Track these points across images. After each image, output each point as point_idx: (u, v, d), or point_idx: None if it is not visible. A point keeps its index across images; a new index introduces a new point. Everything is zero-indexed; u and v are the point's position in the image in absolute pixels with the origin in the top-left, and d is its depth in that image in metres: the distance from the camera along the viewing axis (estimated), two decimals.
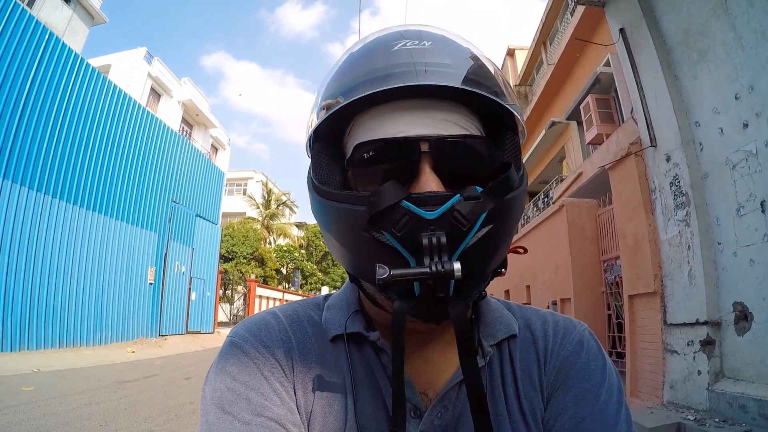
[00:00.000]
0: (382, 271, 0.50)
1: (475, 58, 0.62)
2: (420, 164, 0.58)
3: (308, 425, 0.63)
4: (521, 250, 0.75)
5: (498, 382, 0.68)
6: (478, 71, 0.60)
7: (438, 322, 0.57)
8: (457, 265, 0.50)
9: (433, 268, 0.50)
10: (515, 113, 0.62)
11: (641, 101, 6.25)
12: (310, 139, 0.66)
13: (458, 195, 0.53)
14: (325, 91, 0.63)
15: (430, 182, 0.57)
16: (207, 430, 0.58)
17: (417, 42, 0.60)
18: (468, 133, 0.60)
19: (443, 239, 0.51)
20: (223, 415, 0.58)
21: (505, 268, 0.66)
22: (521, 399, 0.67)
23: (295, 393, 0.64)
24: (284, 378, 0.64)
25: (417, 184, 0.57)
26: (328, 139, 0.66)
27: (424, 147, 0.58)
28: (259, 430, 0.57)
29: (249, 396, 0.60)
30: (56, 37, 11.58)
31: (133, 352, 12.45)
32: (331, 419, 0.63)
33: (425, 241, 0.51)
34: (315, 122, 0.62)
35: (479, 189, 0.55)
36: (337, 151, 0.66)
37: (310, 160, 0.67)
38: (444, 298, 0.53)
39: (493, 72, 0.62)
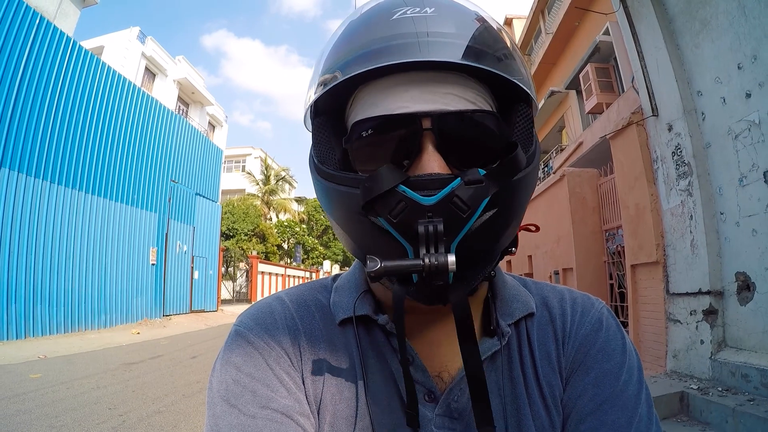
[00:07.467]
0: (373, 264, 0.49)
1: (481, 22, 0.58)
2: (422, 142, 0.55)
3: (318, 414, 0.61)
4: (533, 228, 0.72)
5: (516, 362, 0.66)
6: (484, 39, 0.56)
7: (443, 303, 0.56)
8: (451, 258, 0.48)
9: (427, 261, 0.48)
10: (523, 86, 0.58)
11: (642, 70, 6.18)
12: (308, 114, 0.63)
13: (458, 179, 0.51)
14: (324, 64, 0.60)
15: (431, 162, 0.54)
16: (213, 424, 0.57)
17: (418, 9, 0.56)
18: (475, 108, 0.57)
19: (440, 227, 0.49)
20: (228, 408, 0.57)
21: (516, 247, 0.64)
22: (540, 380, 0.65)
23: (303, 382, 0.62)
24: (291, 367, 0.62)
25: (418, 164, 0.55)
26: (329, 113, 0.63)
27: (426, 123, 0.55)
28: (265, 423, 0.55)
29: (254, 388, 0.58)
30: (47, 21, 11.37)
31: (138, 333, 12.52)
32: (341, 407, 0.61)
33: (421, 229, 0.49)
34: (312, 97, 0.59)
35: (482, 172, 0.52)
36: (339, 126, 0.63)
37: (311, 135, 0.64)
38: (443, 286, 0.51)
39: (500, 39, 0.59)
